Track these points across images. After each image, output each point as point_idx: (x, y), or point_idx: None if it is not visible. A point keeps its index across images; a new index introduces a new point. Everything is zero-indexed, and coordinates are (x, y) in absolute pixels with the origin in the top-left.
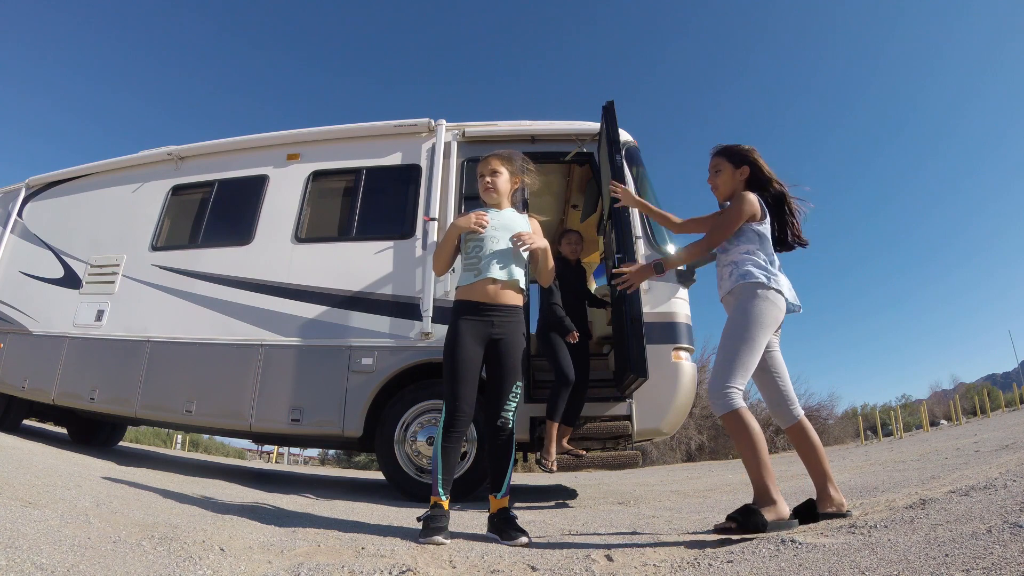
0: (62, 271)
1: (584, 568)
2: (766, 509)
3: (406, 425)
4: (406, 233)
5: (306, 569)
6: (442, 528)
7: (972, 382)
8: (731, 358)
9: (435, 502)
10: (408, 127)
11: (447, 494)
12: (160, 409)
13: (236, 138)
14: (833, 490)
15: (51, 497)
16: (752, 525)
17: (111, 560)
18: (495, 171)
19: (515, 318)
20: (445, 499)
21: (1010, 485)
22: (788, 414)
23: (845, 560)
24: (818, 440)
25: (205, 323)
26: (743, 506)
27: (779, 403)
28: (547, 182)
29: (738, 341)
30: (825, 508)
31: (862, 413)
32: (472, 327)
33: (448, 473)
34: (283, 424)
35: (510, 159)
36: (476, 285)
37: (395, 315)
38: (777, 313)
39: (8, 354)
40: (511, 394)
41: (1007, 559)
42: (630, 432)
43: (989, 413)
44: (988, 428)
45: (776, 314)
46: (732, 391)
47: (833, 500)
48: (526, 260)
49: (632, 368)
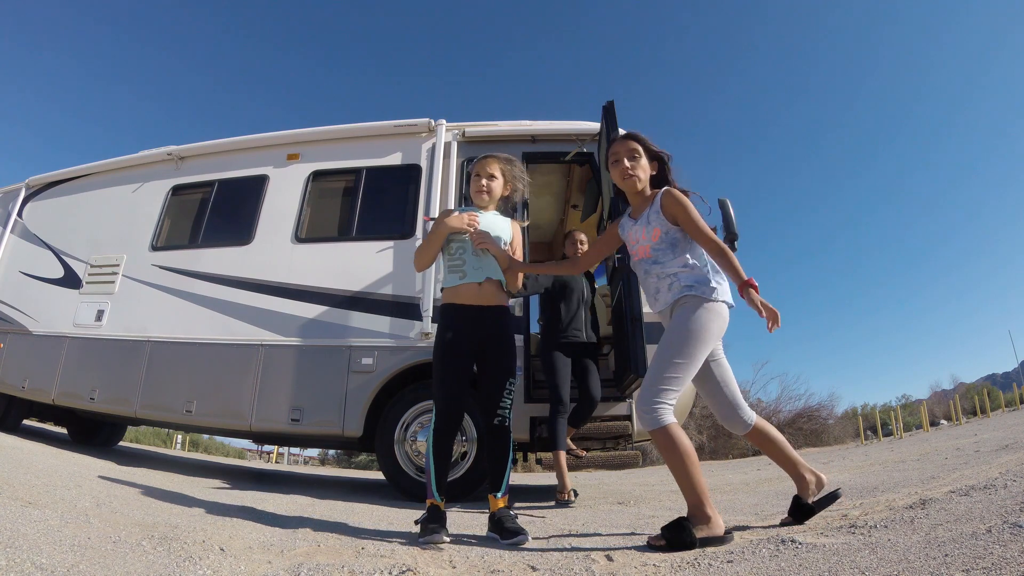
0: (62, 271)
1: (584, 568)
2: (700, 527)
3: (406, 425)
4: (406, 233)
5: (306, 569)
6: (441, 528)
7: (972, 382)
8: (665, 373)
9: (431, 504)
10: (408, 127)
11: (443, 496)
12: (160, 409)
13: (236, 138)
14: (806, 472)
15: (51, 497)
16: (681, 542)
17: (111, 560)
18: (492, 175)
19: (503, 317)
20: (440, 500)
21: (1010, 485)
22: (741, 422)
23: (845, 560)
24: (777, 433)
25: (205, 323)
26: (675, 520)
27: (729, 413)
28: (547, 182)
29: (675, 356)
30: (807, 495)
31: (862, 413)
32: (461, 329)
33: (442, 475)
34: (283, 424)
35: (510, 165)
36: (462, 288)
37: (395, 315)
38: (723, 324)
39: (8, 354)
40: (505, 391)
41: (1007, 559)
42: (630, 432)
43: (989, 413)
44: (988, 428)
45: (722, 325)
46: (662, 407)
47: (810, 482)
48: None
49: (632, 368)
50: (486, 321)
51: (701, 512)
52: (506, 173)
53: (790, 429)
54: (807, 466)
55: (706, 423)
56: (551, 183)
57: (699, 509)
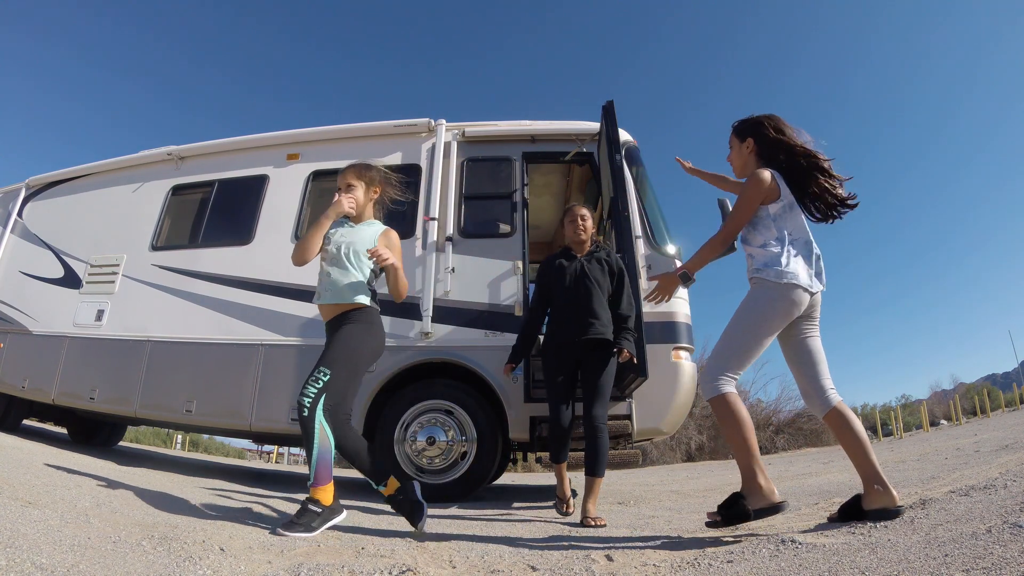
0: (62, 271)
1: (584, 568)
2: (753, 496)
3: (406, 425)
4: (406, 233)
5: (306, 569)
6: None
7: (972, 382)
8: (729, 347)
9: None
10: (408, 127)
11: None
12: (160, 409)
13: (236, 138)
14: (880, 486)
15: (51, 497)
16: (735, 515)
17: (111, 560)
18: (349, 184)
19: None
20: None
21: (1010, 485)
22: (819, 401)
23: (845, 560)
24: (861, 429)
25: (205, 323)
26: (731, 495)
27: (809, 392)
28: (547, 182)
29: (739, 331)
30: (871, 505)
31: (862, 413)
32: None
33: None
34: (283, 424)
35: (366, 169)
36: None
37: (395, 315)
38: (789, 306)
39: (8, 354)
40: (310, 376)
41: (1007, 559)
42: (630, 432)
43: (989, 413)
44: (988, 428)
45: (787, 307)
46: (723, 378)
47: (880, 496)
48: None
49: (632, 368)
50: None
51: (753, 482)
52: (363, 177)
53: (790, 429)
54: (885, 481)
55: (706, 423)
56: (551, 183)
57: (752, 477)
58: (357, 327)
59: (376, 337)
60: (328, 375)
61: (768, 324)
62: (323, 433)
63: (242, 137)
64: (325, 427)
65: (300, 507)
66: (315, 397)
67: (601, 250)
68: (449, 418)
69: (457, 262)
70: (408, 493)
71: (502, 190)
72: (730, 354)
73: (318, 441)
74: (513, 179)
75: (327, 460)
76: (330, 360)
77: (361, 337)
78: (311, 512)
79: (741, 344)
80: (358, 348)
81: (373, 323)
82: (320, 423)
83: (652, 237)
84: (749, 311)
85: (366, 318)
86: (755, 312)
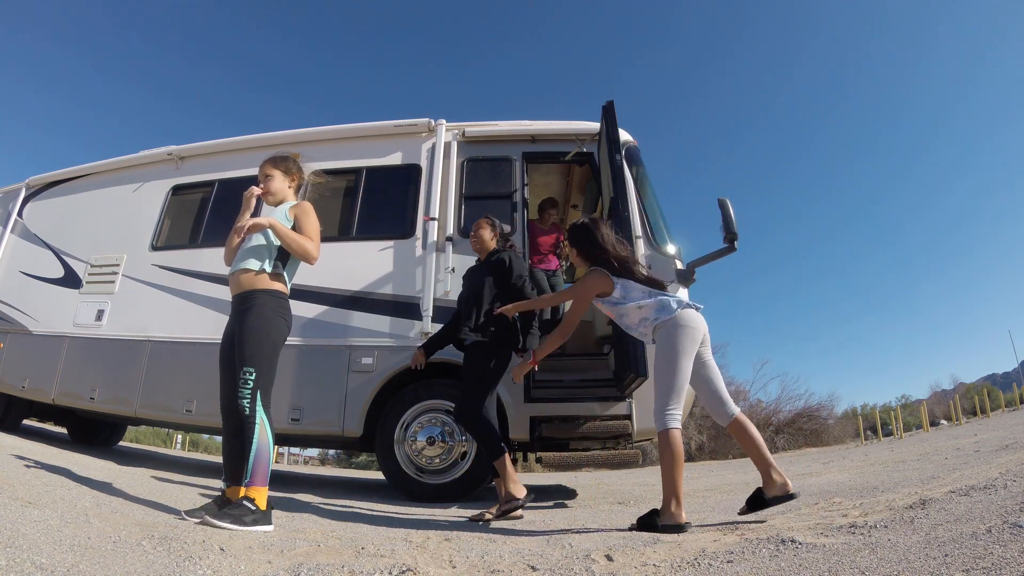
0: (62, 271)
1: (584, 568)
2: (665, 515)
3: (406, 425)
4: (406, 233)
5: (306, 569)
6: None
7: (972, 382)
8: (664, 385)
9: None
10: (408, 127)
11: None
12: (160, 409)
13: (236, 138)
14: (776, 474)
15: (51, 497)
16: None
17: (111, 560)
18: (268, 175)
19: (243, 306)
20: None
21: (1010, 485)
22: (724, 413)
23: (845, 560)
24: (756, 432)
25: (205, 323)
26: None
27: (714, 405)
28: (547, 182)
29: (665, 370)
30: (771, 493)
31: (862, 413)
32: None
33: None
34: (283, 424)
35: (282, 160)
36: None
37: (395, 315)
38: (694, 334)
39: (8, 354)
40: (240, 380)
41: (1007, 559)
42: (630, 432)
43: (989, 413)
44: (988, 428)
45: (694, 335)
46: (670, 413)
47: (776, 484)
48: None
49: (631, 367)
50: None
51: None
52: (280, 167)
53: (790, 429)
54: (778, 469)
55: (706, 423)
56: (551, 183)
57: (668, 503)
58: (261, 313)
59: (283, 319)
60: (254, 373)
61: (686, 353)
62: (263, 432)
63: (242, 137)
64: (266, 424)
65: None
66: (251, 397)
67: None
68: (449, 418)
69: (457, 262)
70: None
71: (502, 190)
72: (668, 391)
73: (257, 440)
74: (513, 179)
75: (265, 460)
76: (248, 356)
77: (269, 323)
78: (245, 507)
79: (672, 380)
80: (269, 334)
81: (277, 306)
82: (260, 420)
83: (652, 237)
84: (668, 350)
85: (268, 301)
86: (672, 349)
